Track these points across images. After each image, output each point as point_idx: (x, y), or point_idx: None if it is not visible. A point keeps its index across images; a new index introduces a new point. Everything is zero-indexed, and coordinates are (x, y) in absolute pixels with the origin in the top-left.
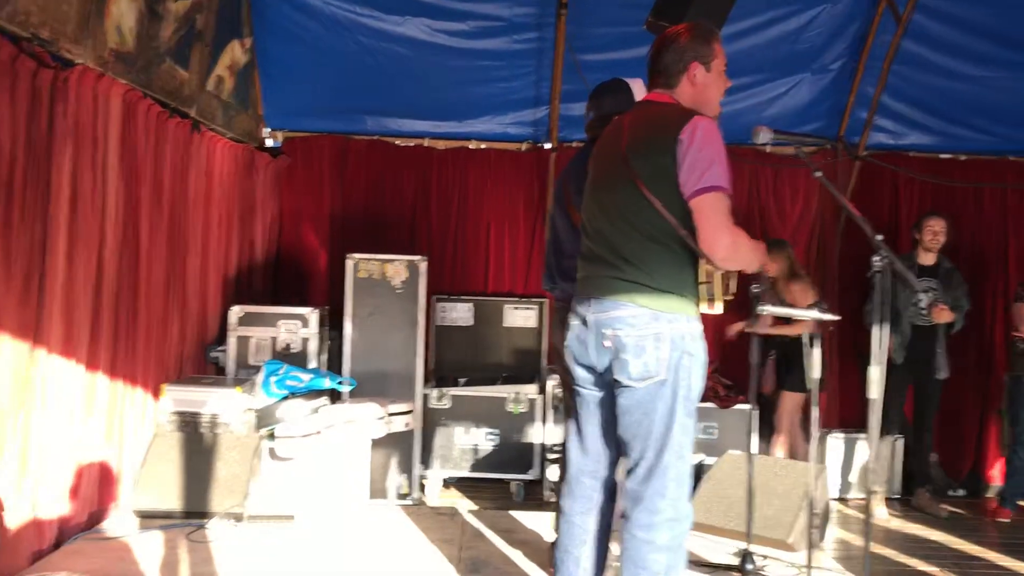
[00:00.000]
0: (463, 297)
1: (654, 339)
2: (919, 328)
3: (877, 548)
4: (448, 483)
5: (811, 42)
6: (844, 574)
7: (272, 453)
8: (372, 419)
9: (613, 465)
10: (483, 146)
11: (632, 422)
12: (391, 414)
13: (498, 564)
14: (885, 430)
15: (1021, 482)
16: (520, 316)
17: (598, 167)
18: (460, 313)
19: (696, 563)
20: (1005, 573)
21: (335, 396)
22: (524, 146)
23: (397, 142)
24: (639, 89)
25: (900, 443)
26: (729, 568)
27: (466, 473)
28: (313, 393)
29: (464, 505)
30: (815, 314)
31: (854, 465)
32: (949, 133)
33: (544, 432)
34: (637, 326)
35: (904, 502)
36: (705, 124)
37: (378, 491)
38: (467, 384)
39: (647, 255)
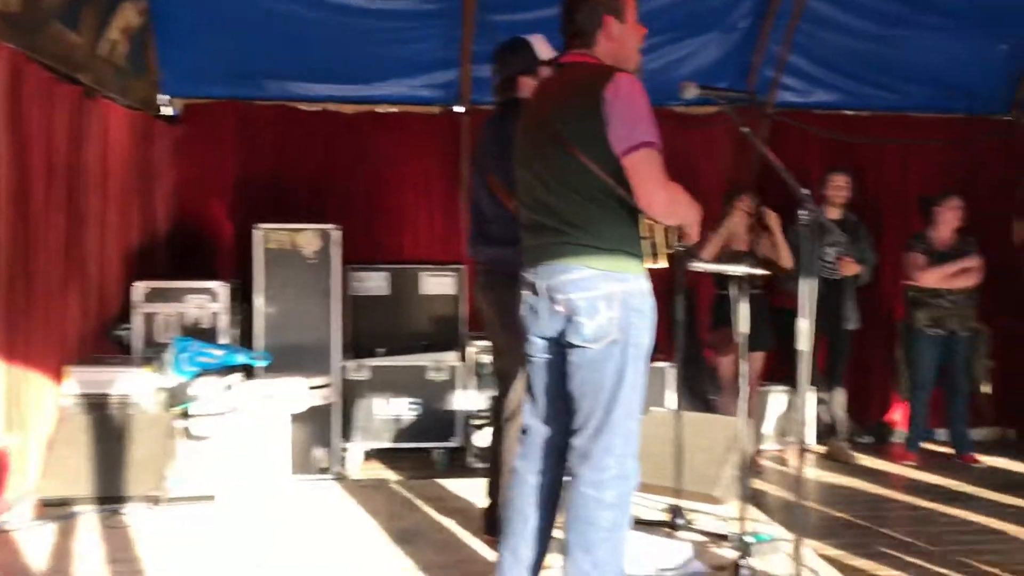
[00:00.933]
0: (378, 266)
1: (606, 300)
2: (827, 282)
3: (793, 496)
4: (369, 455)
5: (719, 0)
6: (770, 524)
7: (188, 432)
8: (291, 393)
9: (566, 429)
10: (393, 110)
11: (582, 380)
12: (310, 388)
13: (431, 533)
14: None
15: (922, 426)
16: (437, 283)
17: (526, 136)
18: (375, 282)
19: None
20: (915, 514)
21: (249, 372)
22: (436, 109)
23: (302, 107)
24: (541, 45)
25: (812, 394)
26: (660, 524)
27: (388, 444)
28: (227, 369)
29: (387, 476)
30: (745, 268)
31: (768, 418)
32: (853, 91)
33: (466, 399)
34: (588, 288)
35: (817, 452)
36: (627, 80)
37: (299, 466)
38: (386, 354)
39: (590, 216)
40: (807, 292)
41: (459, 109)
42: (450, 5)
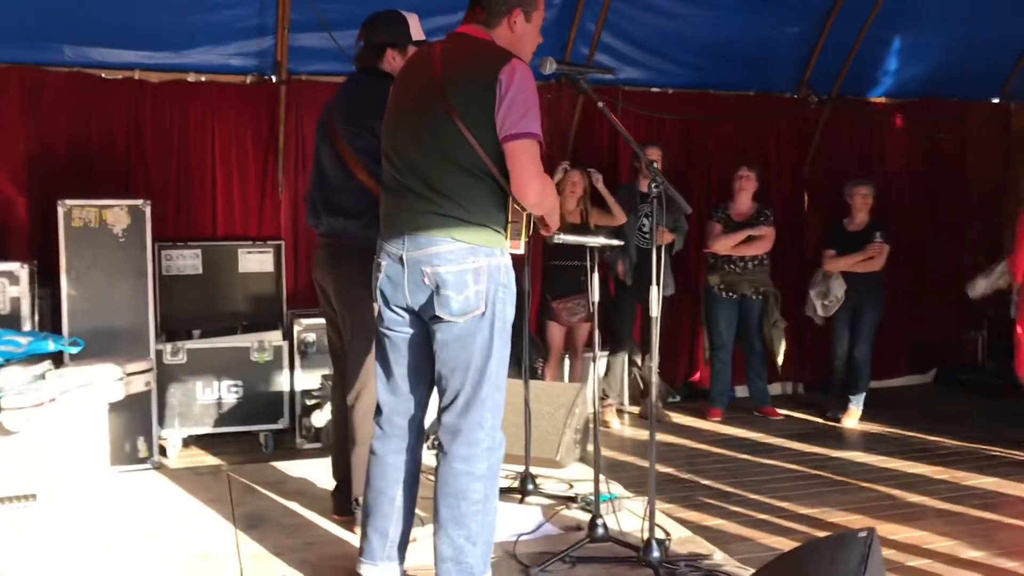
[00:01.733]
0: (190, 243)
1: (474, 274)
2: (644, 251)
3: (619, 455)
4: (188, 442)
5: None
6: (607, 483)
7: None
8: (110, 381)
9: (423, 404)
10: (203, 79)
11: (450, 356)
12: (129, 374)
13: (278, 517)
14: (618, 347)
15: (724, 383)
16: (256, 260)
17: (406, 96)
18: (187, 261)
19: None
20: (729, 466)
21: (57, 360)
22: (249, 79)
23: (103, 74)
24: (415, 25)
25: (626, 358)
26: (511, 491)
27: (209, 429)
28: (34, 358)
29: (211, 463)
30: (603, 240)
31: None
32: (660, 68)
33: (292, 379)
34: (456, 261)
35: (632, 412)
36: (523, 68)
37: (117, 457)
38: (201, 336)
39: (463, 188)
40: (655, 262)
41: (274, 78)
42: None
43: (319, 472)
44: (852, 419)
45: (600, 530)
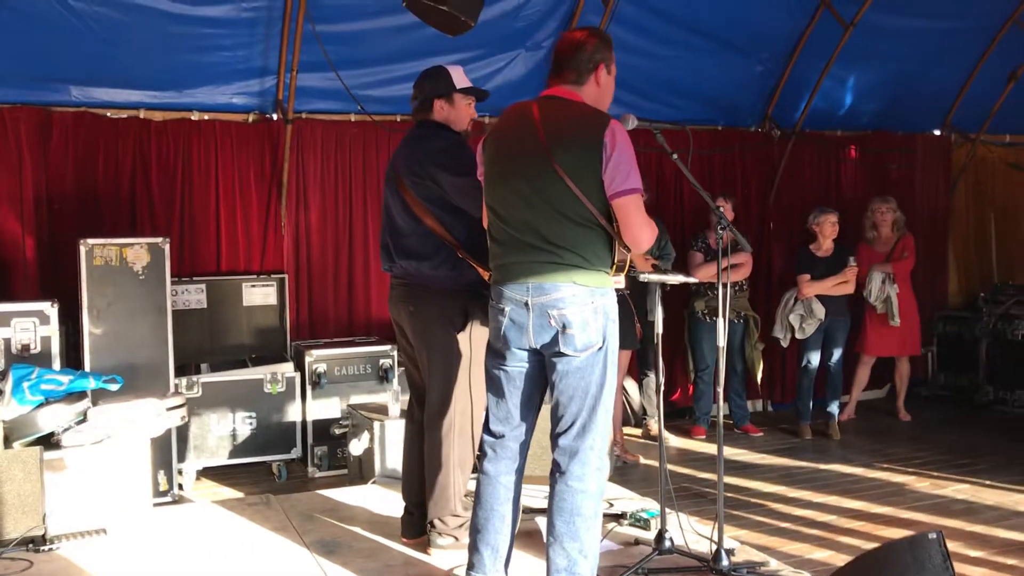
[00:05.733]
0: (195, 278)
1: (592, 312)
2: (636, 280)
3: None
4: (199, 474)
5: (527, 20)
6: (642, 499)
7: (57, 464)
8: (151, 416)
9: (531, 429)
10: (206, 117)
11: (570, 386)
12: (168, 409)
13: (349, 542)
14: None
15: (708, 403)
16: (259, 294)
17: (507, 157)
18: (192, 295)
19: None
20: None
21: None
22: (251, 117)
23: (108, 114)
24: (457, 74)
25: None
26: None
27: (224, 461)
28: (73, 396)
29: (225, 494)
30: (681, 277)
31: None
32: (639, 106)
33: (304, 409)
34: (578, 304)
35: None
36: (621, 129)
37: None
38: (210, 370)
39: (578, 239)
40: (725, 297)
41: (275, 117)
42: (271, 14)
43: (366, 498)
44: (834, 430)
45: (668, 543)
